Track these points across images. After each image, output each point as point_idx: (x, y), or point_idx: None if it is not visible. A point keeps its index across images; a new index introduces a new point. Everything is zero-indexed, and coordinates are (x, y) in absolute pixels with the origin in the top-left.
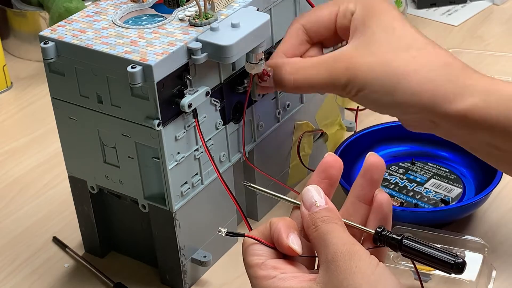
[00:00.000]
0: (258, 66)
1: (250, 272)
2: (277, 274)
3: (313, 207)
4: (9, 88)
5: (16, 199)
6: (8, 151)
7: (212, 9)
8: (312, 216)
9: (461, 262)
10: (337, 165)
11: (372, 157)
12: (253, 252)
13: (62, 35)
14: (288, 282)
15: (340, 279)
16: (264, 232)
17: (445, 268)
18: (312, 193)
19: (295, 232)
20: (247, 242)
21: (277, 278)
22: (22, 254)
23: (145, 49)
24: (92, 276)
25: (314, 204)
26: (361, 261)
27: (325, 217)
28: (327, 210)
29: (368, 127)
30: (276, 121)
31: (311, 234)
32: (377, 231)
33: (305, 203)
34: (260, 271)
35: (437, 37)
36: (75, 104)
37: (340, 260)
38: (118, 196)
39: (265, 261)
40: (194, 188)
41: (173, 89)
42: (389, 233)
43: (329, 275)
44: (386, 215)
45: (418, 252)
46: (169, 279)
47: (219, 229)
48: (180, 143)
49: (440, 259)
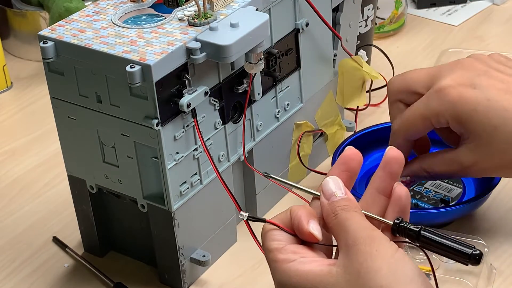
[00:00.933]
0: (257, 66)
1: (270, 256)
2: (297, 258)
3: (332, 197)
4: (9, 88)
5: (16, 199)
6: (8, 151)
7: (211, 9)
8: (332, 204)
9: (478, 253)
10: (357, 158)
11: (391, 151)
12: (273, 237)
13: (62, 34)
14: (308, 265)
15: (360, 262)
16: (284, 220)
17: (462, 259)
18: (332, 183)
19: (315, 219)
20: (266, 227)
21: (297, 262)
22: (22, 254)
23: (144, 49)
24: (92, 276)
25: (334, 194)
26: (381, 245)
27: (344, 206)
28: (346, 199)
29: (368, 127)
30: (275, 121)
31: (330, 221)
32: (395, 222)
33: (325, 193)
34: (280, 255)
35: (437, 37)
36: (75, 104)
37: (360, 244)
38: (117, 195)
39: (285, 246)
40: (193, 187)
41: (172, 89)
42: (407, 224)
43: (349, 258)
44: (405, 208)
45: (436, 243)
46: (168, 278)
47: (240, 213)
48: (179, 142)
49: (458, 250)
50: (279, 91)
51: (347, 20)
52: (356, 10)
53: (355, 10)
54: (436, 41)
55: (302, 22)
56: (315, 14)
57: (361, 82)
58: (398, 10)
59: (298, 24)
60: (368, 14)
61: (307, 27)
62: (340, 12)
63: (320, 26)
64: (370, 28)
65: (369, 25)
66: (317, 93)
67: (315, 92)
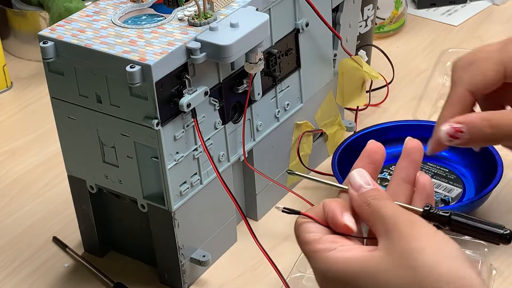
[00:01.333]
0: (257, 66)
1: (308, 248)
2: (336, 246)
3: (361, 189)
4: (9, 88)
5: (16, 199)
6: (8, 151)
7: (211, 9)
8: (363, 195)
9: (509, 233)
10: (381, 151)
11: (410, 142)
12: (308, 229)
13: (62, 34)
14: (349, 252)
15: (403, 244)
16: (317, 213)
17: (493, 239)
18: (359, 176)
19: (349, 211)
20: (300, 221)
21: (337, 250)
22: (22, 254)
23: (144, 49)
24: (92, 276)
25: (362, 186)
26: (422, 228)
27: (375, 195)
28: (375, 189)
29: (368, 127)
30: (275, 121)
31: (363, 211)
32: (425, 209)
33: (353, 186)
34: (319, 245)
35: (437, 37)
36: (75, 104)
37: (402, 227)
38: (117, 195)
39: (322, 237)
40: (193, 187)
41: (172, 89)
42: (437, 210)
43: (391, 241)
44: (430, 194)
45: (467, 225)
46: (168, 278)
47: (276, 205)
48: (179, 142)
49: (489, 230)
50: (279, 91)
51: (347, 20)
52: (356, 10)
53: (355, 10)
54: (436, 41)
55: (302, 22)
56: (315, 14)
57: (361, 82)
58: (398, 10)
59: (298, 24)
60: (368, 14)
61: (307, 27)
62: (340, 12)
63: (320, 26)
64: (370, 28)
65: (369, 25)
66: (317, 93)
67: (315, 92)
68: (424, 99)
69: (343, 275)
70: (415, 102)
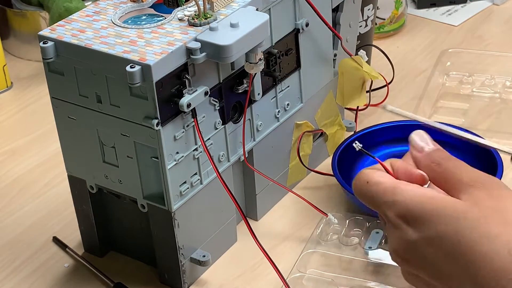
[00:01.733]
0: (257, 66)
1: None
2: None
3: (424, 149)
4: (9, 88)
5: (16, 199)
6: (8, 151)
7: (211, 9)
8: (429, 156)
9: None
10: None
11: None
12: (380, 172)
13: (62, 34)
14: (432, 191)
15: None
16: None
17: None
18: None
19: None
20: (367, 170)
21: (417, 186)
22: (22, 254)
23: (144, 49)
24: (92, 276)
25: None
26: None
27: (443, 156)
28: (440, 150)
29: (368, 127)
30: (275, 121)
31: (433, 171)
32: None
33: (416, 147)
34: (398, 180)
35: (437, 37)
36: (75, 104)
37: (486, 184)
38: (117, 195)
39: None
40: (193, 187)
41: (172, 89)
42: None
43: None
44: None
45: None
46: (168, 278)
47: (355, 143)
48: (179, 142)
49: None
50: (279, 91)
51: (347, 20)
52: (356, 10)
53: (355, 10)
54: (436, 41)
55: (302, 22)
56: (315, 14)
57: (361, 82)
58: (398, 10)
59: (298, 24)
60: (368, 14)
61: (307, 27)
62: (340, 12)
63: (320, 26)
64: (370, 28)
65: (369, 25)
66: (317, 93)
67: (315, 92)
68: (424, 99)
69: (422, 211)
70: (415, 102)
